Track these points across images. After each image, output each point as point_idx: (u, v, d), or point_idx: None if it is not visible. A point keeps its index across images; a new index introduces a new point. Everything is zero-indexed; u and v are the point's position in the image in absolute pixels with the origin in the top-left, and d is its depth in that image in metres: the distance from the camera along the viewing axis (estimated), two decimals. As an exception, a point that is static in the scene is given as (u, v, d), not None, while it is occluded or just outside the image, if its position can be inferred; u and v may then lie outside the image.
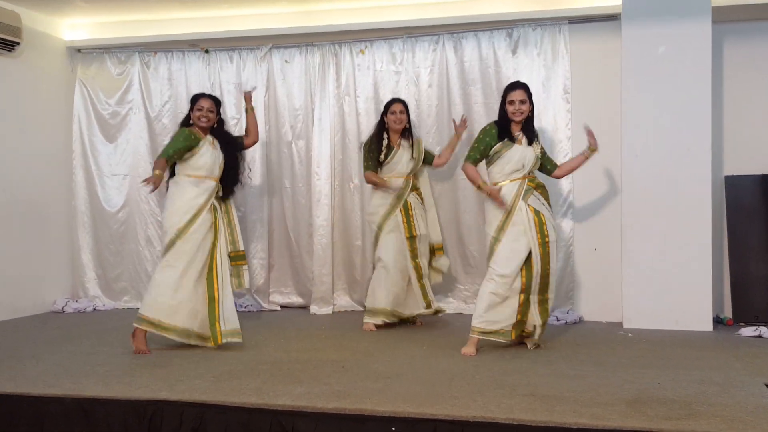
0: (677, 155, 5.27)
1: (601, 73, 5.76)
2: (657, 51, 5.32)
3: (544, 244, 4.48)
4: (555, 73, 5.88)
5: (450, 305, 6.10)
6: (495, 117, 4.76)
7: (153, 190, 4.61)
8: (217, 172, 4.79)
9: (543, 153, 4.71)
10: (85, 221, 6.74)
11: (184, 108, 6.51)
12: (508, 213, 4.52)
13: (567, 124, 5.83)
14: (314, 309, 6.22)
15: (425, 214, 5.56)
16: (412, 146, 5.46)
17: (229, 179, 4.90)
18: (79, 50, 6.76)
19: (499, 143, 4.58)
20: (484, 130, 4.68)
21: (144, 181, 4.54)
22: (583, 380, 3.72)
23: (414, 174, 5.51)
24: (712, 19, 5.23)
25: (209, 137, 4.80)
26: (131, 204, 6.67)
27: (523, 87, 4.64)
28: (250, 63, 6.49)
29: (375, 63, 6.28)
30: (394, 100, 5.55)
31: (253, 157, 6.40)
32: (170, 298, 4.53)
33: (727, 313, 5.65)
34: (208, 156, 4.72)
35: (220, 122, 4.94)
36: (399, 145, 5.44)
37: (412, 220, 5.40)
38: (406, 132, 5.50)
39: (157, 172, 4.51)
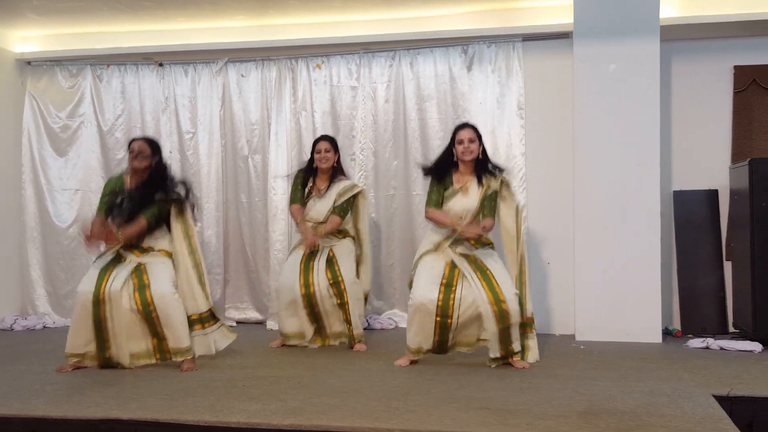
0: (627, 170, 5.38)
1: (554, 89, 5.86)
2: (608, 69, 5.43)
3: (483, 271, 4.44)
4: (509, 90, 5.96)
5: (403, 319, 6.11)
6: (449, 132, 4.81)
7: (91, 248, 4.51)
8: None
9: (490, 198, 4.54)
10: (35, 237, 6.59)
11: (138, 122, 6.51)
12: (437, 246, 4.57)
13: (521, 140, 5.91)
14: (271, 324, 6.16)
15: (347, 240, 5.33)
16: (336, 193, 5.23)
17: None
18: (29, 63, 6.64)
19: (448, 189, 4.61)
20: (431, 183, 4.70)
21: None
22: (537, 393, 3.77)
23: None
24: (660, 38, 5.36)
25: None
26: (83, 219, 6.54)
27: (471, 126, 4.63)
28: (206, 77, 6.46)
29: (332, 78, 6.30)
30: (319, 138, 5.38)
31: (209, 171, 6.38)
32: None
33: (676, 325, 5.76)
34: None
35: (158, 168, 4.66)
36: (320, 191, 5.26)
37: (314, 254, 5.19)
38: (336, 173, 5.33)
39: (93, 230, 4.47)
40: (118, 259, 4.62)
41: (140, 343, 4.53)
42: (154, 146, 4.70)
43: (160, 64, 6.51)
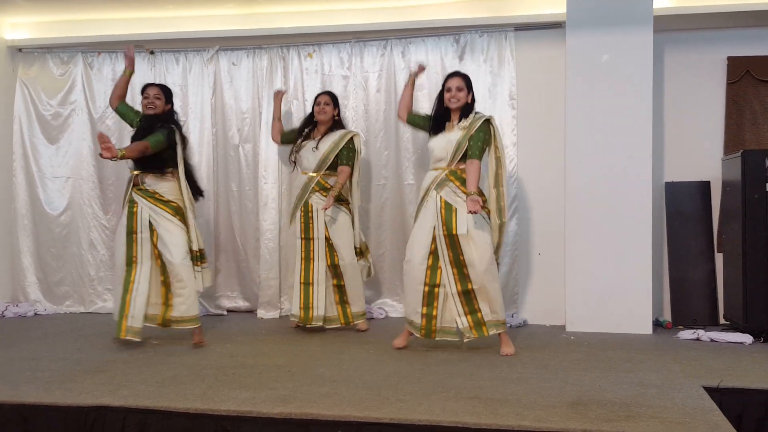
0: (619, 162, 5.38)
1: (546, 79, 5.84)
2: (600, 59, 5.43)
3: (451, 236, 4.51)
4: (501, 80, 5.95)
5: (394, 309, 6.13)
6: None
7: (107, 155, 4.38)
8: (132, 164, 4.84)
9: (476, 136, 4.54)
10: (26, 224, 6.57)
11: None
12: (422, 200, 4.69)
13: (513, 130, 5.91)
14: (261, 313, 6.17)
15: (342, 217, 5.41)
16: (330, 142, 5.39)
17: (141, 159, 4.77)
18: (20, 50, 6.59)
19: (430, 134, 4.79)
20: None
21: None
22: (527, 383, 3.78)
23: (325, 173, 5.38)
24: (653, 29, 5.35)
25: None
26: (74, 207, 6.53)
27: (461, 75, 4.74)
28: (197, 65, 6.42)
29: (323, 67, 6.27)
30: (321, 93, 5.62)
31: (200, 160, 6.35)
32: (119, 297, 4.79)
33: (667, 316, 5.78)
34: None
35: (171, 112, 4.95)
36: (315, 139, 5.45)
37: (311, 222, 5.36)
38: (335, 126, 5.49)
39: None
40: (132, 208, 4.79)
41: (155, 306, 4.82)
42: (167, 93, 4.97)
43: (151, 52, 6.47)
